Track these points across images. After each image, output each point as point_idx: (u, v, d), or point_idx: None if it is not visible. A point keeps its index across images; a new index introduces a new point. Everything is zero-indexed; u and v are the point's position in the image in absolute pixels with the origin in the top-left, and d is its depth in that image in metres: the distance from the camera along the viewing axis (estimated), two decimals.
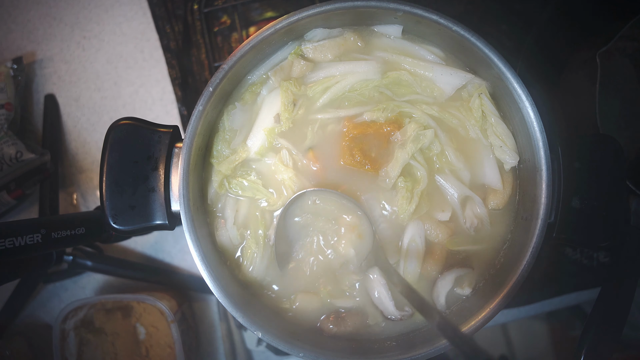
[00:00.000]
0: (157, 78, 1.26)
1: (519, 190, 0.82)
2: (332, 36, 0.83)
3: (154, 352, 1.14)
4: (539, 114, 0.74)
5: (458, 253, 0.82)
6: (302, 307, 0.80)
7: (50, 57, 1.27)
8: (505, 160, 0.81)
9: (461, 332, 0.62)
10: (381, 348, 0.77)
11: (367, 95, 0.82)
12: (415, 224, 0.80)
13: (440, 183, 0.81)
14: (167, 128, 0.77)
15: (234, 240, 0.81)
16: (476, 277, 0.81)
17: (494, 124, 0.81)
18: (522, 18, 1.20)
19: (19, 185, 1.15)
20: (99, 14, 1.28)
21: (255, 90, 0.83)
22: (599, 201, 0.75)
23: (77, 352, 1.10)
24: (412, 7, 0.75)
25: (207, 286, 0.73)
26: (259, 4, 1.22)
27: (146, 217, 0.74)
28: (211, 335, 1.25)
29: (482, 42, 0.74)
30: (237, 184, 0.81)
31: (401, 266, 0.80)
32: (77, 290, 1.24)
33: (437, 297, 0.80)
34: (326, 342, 0.78)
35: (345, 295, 0.81)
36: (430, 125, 0.80)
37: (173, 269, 1.25)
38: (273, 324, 0.76)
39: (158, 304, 1.07)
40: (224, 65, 0.74)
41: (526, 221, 0.77)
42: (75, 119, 1.26)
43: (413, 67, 0.82)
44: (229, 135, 0.82)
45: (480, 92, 0.81)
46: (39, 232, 0.79)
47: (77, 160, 1.25)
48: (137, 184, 0.74)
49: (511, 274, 0.74)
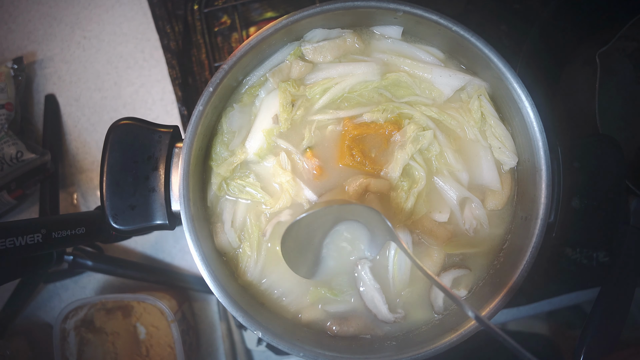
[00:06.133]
0: (157, 78, 1.26)
1: (518, 191, 0.82)
2: (332, 37, 0.83)
3: (154, 352, 1.14)
4: (538, 114, 0.74)
5: (456, 254, 0.82)
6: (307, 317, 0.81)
7: (51, 57, 1.27)
8: (504, 161, 0.81)
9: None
10: (381, 348, 0.77)
11: (366, 96, 0.82)
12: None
13: (439, 184, 0.81)
14: (168, 128, 0.77)
15: (233, 243, 0.81)
16: (474, 279, 0.82)
17: (493, 126, 0.81)
18: (522, 18, 1.20)
19: (19, 185, 1.15)
20: (99, 14, 1.28)
21: (254, 92, 0.83)
22: (598, 201, 0.76)
23: (77, 351, 1.10)
24: (412, 7, 0.75)
25: (207, 286, 0.73)
26: (259, 4, 1.23)
27: (146, 217, 0.74)
28: (211, 335, 1.25)
29: (482, 42, 0.75)
30: (235, 186, 0.81)
31: (390, 275, 0.80)
32: (77, 290, 1.25)
33: (435, 298, 0.80)
34: (326, 342, 0.78)
35: (337, 300, 0.81)
36: (429, 127, 0.80)
37: (173, 268, 1.25)
38: (273, 324, 0.76)
39: (158, 304, 1.07)
40: (224, 65, 0.74)
41: (526, 221, 0.77)
42: (75, 118, 1.26)
43: (412, 68, 0.82)
44: (228, 138, 0.82)
45: (479, 93, 0.81)
46: (39, 232, 0.80)
47: (78, 160, 1.26)
48: (138, 184, 0.74)
49: (511, 274, 0.74)
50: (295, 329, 0.79)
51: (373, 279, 0.78)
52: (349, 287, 0.81)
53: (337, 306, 0.81)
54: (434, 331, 0.78)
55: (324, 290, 0.80)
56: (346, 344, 0.79)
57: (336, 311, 0.81)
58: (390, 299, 0.80)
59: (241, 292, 0.79)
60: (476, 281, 0.82)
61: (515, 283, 0.73)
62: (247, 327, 0.73)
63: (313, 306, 0.81)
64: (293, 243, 0.75)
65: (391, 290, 0.80)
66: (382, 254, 0.81)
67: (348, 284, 0.81)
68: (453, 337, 0.72)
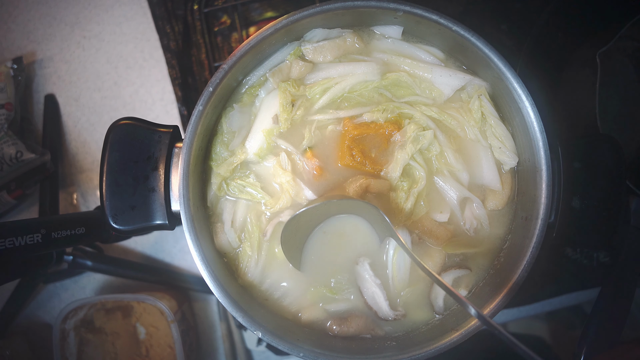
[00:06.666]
0: (157, 78, 1.26)
1: (518, 191, 0.82)
2: (332, 37, 0.83)
3: (154, 352, 1.14)
4: (539, 114, 0.74)
5: (456, 254, 0.82)
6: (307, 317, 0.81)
7: (51, 57, 1.27)
8: (504, 161, 0.81)
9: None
10: (381, 347, 0.77)
11: (366, 96, 0.82)
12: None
13: (439, 184, 0.81)
14: (167, 128, 0.77)
15: (233, 244, 0.81)
16: (474, 279, 0.82)
17: (494, 125, 0.81)
18: (522, 18, 1.20)
19: (19, 185, 1.15)
20: (99, 14, 1.28)
21: (254, 92, 0.83)
22: (599, 201, 0.76)
23: (77, 352, 1.10)
24: (412, 7, 0.75)
25: (207, 286, 0.73)
26: (259, 4, 1.22)
27: (146, 217, 0.74)
28: (211, 335, 1.25)
29: (482, 42, 0.74)
30: (235, 186, 0.81)
31: (390, 274, 0.80)
32: (77, 290, 1.25)
33: (435, 298, 0.80)
34: (326, 342, 0.78)
35: (337, 299, 0.81)
36: (430, 127, 0.80)
37: (173, 268, 1.25)
38: (273, 324, 0.76)
39: (158, 304, 1.07)
40: (224, 65, 0.74)
41: (526, 221, 0.77)
42: (75, 118, 1.26)
43: (412, 68, 0.82)
44: (227, 138, 0.82)
45: (480, 93, 0.81)
46: (39, 232, 0.80)
47: (77, 160, 1.26)
48: (137, 183, 0.74)
49: (511, 274, 0.74)
50: (295, 329, 0.79)
51: (374, 274, 0.79)
52: (349, 285, 0.81)
53: (337, 305, 0.81)
54: (434, 331, 0.78)
55: (324, 289, 0.80)
56: (346, 344, 0.79)
57: (336, 310, 0.81)
58: (391, 298, 0.80)
59: (241, 292, 0.79)
60: (477, 281, 0.82)
61: (516, 283, 0.73)
62: (247, 327, 0.73)
63: (313, 306, 0.81)
64: (293, 237, 0.75)
65: (391, 289, 0.80)
66: (381, 253, 0.81)
67: (348, 282, 0.81)
68: (453, 337, 0.72)
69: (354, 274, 0.81)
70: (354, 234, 0.81)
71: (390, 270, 0.80)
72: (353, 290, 0.81)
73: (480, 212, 0.81)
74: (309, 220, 0.78)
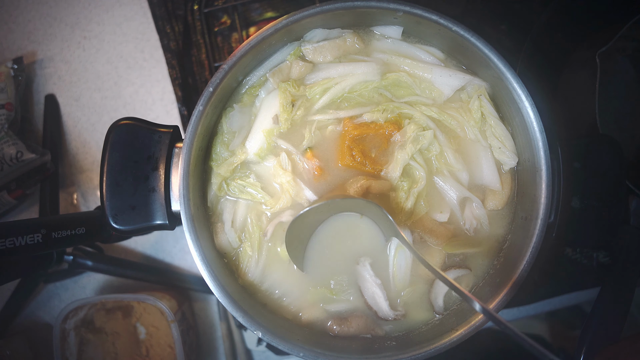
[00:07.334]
0: (157, 78, 1.26)
1: (518, 191, 0.82)
2: (332, 37, 0.83)
3: (154, 352, 1.14)
4: (538, 114, 0.74)
5: (456, 254, 0.82)
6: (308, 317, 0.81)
7: (51, 57, 1.27)
8: (504, 161, 0.81)
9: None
10: (381, 347, 0.77)
11: (366, 96, 0.82)
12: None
13: (439, 184, 0.81)
14: (167, 128, 0.77)
15: (233, 244, 0.81)
16: (474, 279, 0.82)
17: (493, 126, 0.81)
18: (522, 18, 1.20)
19: (19, 185, 1.15)
20: (99, 14, 1.28)
21: (254, 92, 0.83)
22: (598, 201, 0.76)
23: (77, 351, 1.10)
24: (412, 7, 0.75)
25: (207, 286, 0.73)
26: (259, 4, 1.23)
27: (146, 217, 0.74)
28: (211, 335, 1.25)
29: (482, 42, 0.75)
30: (235, 187, 0.81)
31: (391, 273, 0.80)
32: (77, 290, 1.25)
33: (435, 298, 0.80)
34: (326, 342, 0.78)
35: (337, 299, 0.81)
36: (430, 127, 0.80)
37: (173, 268, 1.25)
38: (273, 324, 0.76)
39: (158, 304, 1.07)
40: (224, 65, 0.74)
41: (526, 221, 0.77)
42: (75, 119, 1.26)
43: (412, 68, 0.83)
44: (228, 138, 0.82)
45: (479, 93, 0.81)
46: (39, 232, 0.80)
47: (78, 160, 1.26)
48: (138, 184, 0.74)
49: (511, 274, 0.74)
50: (295, 329, 0.79)
51: (374, 274, 0.79)
52: (349, 286, 0.81)
53: (338, 305, 0.81)
54: (434, 331, 0.78)
55: (324, 289, 0.80)
56: (346, 344, 0.79)
57: (336, 310, 0.81)
58: (391, 298, 0.80)
59: (241, 292, 0.79)
60: (476, 281, 0.82)
61: (516, 283, 0.73)
62: (247, 327, 0.73)
63: (314, 306, 0.81)
64: (297, 237, 0.75)
65: (391, 289, 0.80)
66: (382, 253, 0.81)
67: (348, 283, 0.81)
68: (453, 337, 0.72)
69: (355, 274, 0.81)
70: (356, 234, 0.81)
71: (391, 271, 0.80)
72: (353, 291, 0.81)
73: (480, 212, 0.81)
74: (313, 220, 0.78)
